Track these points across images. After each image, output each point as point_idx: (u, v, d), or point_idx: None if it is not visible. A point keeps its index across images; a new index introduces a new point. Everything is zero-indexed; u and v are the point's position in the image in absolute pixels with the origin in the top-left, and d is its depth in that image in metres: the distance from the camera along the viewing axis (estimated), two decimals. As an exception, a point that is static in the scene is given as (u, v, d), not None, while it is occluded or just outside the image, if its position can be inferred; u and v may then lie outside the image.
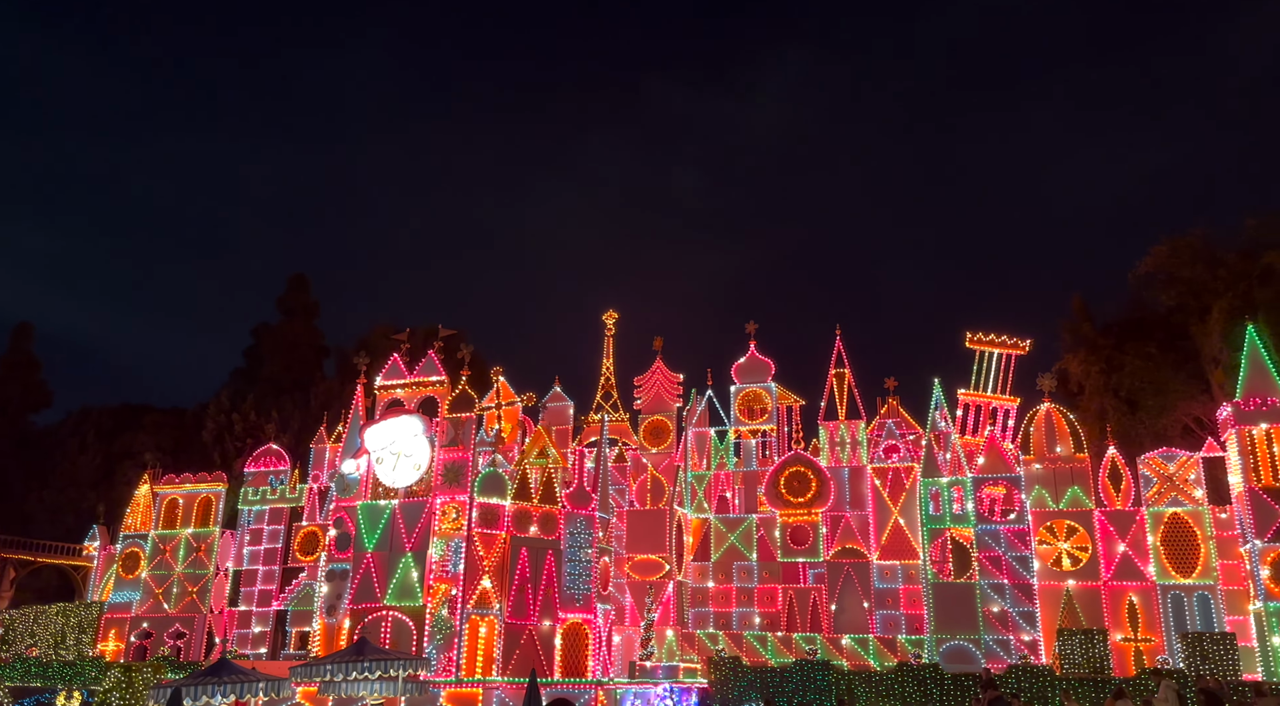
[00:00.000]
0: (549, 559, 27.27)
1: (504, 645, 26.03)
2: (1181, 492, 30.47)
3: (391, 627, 26.57)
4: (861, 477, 34.36)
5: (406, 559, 27.18)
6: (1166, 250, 46.37)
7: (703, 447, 37.25)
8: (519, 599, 26.67)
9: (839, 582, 33.17)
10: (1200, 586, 29.60)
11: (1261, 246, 43.87)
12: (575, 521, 27.99)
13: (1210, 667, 25.52)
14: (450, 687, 24.80)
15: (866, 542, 33.51)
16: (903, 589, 32.60)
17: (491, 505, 27.09)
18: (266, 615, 38.52)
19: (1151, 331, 46.46)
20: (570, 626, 27.14)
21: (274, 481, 40.08)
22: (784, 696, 27.70)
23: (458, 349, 30.00)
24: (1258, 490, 28.28)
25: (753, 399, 36.73)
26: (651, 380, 37.72)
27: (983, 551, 30.98)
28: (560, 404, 37.60)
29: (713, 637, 32.95)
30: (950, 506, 31.79)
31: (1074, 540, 30.92)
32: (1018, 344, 35.69)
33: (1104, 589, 30.30)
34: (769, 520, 34.74)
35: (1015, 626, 30.06)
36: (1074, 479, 31.52)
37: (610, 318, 40.33)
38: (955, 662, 29.42)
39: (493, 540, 26.87)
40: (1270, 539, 27.80)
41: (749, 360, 37.17)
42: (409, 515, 27.64)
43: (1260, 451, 28.66)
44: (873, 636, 31.79)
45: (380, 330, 55.71)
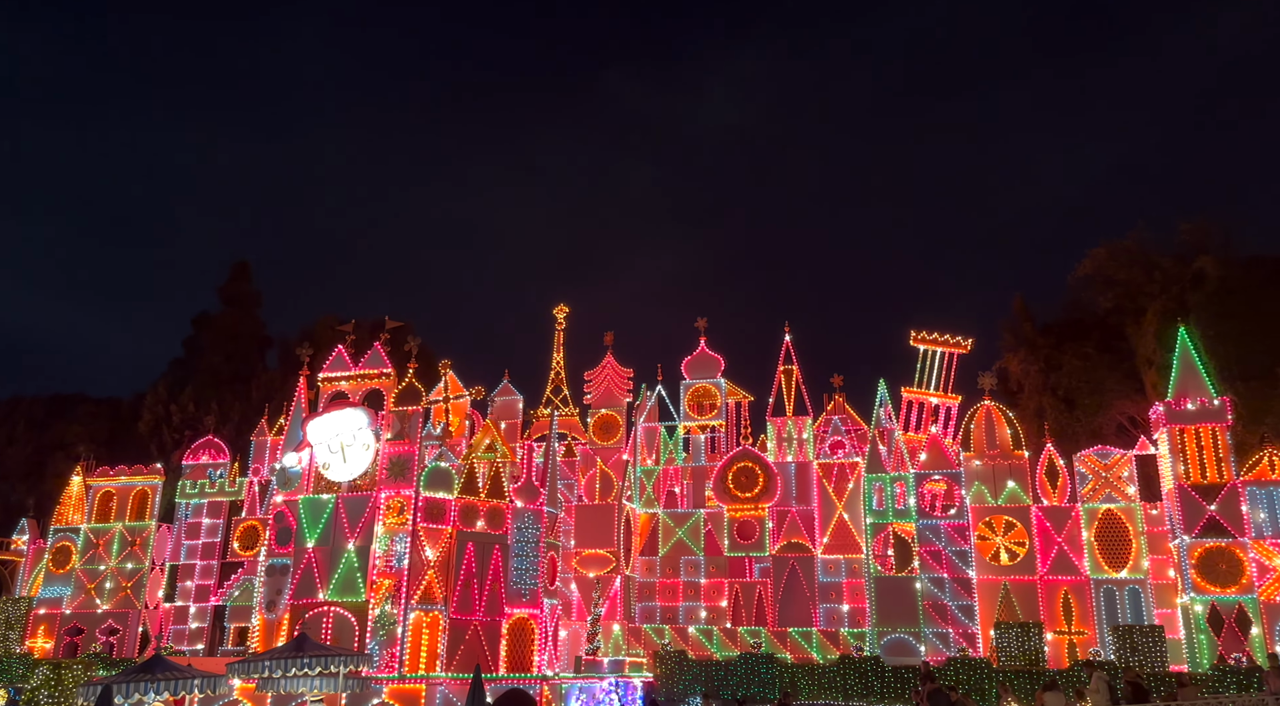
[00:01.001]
0: (496, 554, 27.08)
1: (448, 641, 25.80)
2: (1115, 489, 31.36)
3: (333, 623, 26.14)
4: (808, 473, 34.76)
5: (349, 554, 26.77)
6: (1104, 254, 47.74)
7: (652, 443, 37.33)
8: (465, 594, 26.44)
9: (784, 577, 33.53)
10: (1131, 581, 30.52)
11: (1194, 251, 45.41)
12: (523, 516, 27.83)
13: (1139, 659, 26.35)
14: (393, 684, 24.49)
15: (812, 537, 33.91)
16: (846, 583, 33.07)
17: (438, 499, 26.80)
18: (204, 611, 37.65)
19: (1089, 332, 47.78)
20: (516, 621, 27.00)
21: (213, 474, 39.14)
22: (728, 689, 27.92)
23: (405, 341, 29.60)
24: (1186, 487, 29.24)
25: (702, 394, 36.93)
26: (602, 375, 37.68)
27: (924, 546, 31.55)
28: (509, 398, 37.37)
29: (659, 632, 33.08)
30: (893, 502, 32.32)
31: (1011, 535, 31.65)
32: (960, 343, 36.38)
33: (1040, 583, 31.07)
34: (716, 515, 34.96)
35: (954, 619, 30.69)
36: (1012, 475, 32.27)
37: (561, 312, 40.17)
38: (896, 655, 29.94)
39: (439, 535, 26.59)
40: (1198, 534, 28.76)
41: (699, 356, 37.34)
42: (352, 509, 27.21)
43: (1190, 450, 29.62)
44: (816, 629, 32.20)
45: (325, 321, 54.72)
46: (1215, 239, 45.95)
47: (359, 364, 28.72)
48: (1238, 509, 28.71)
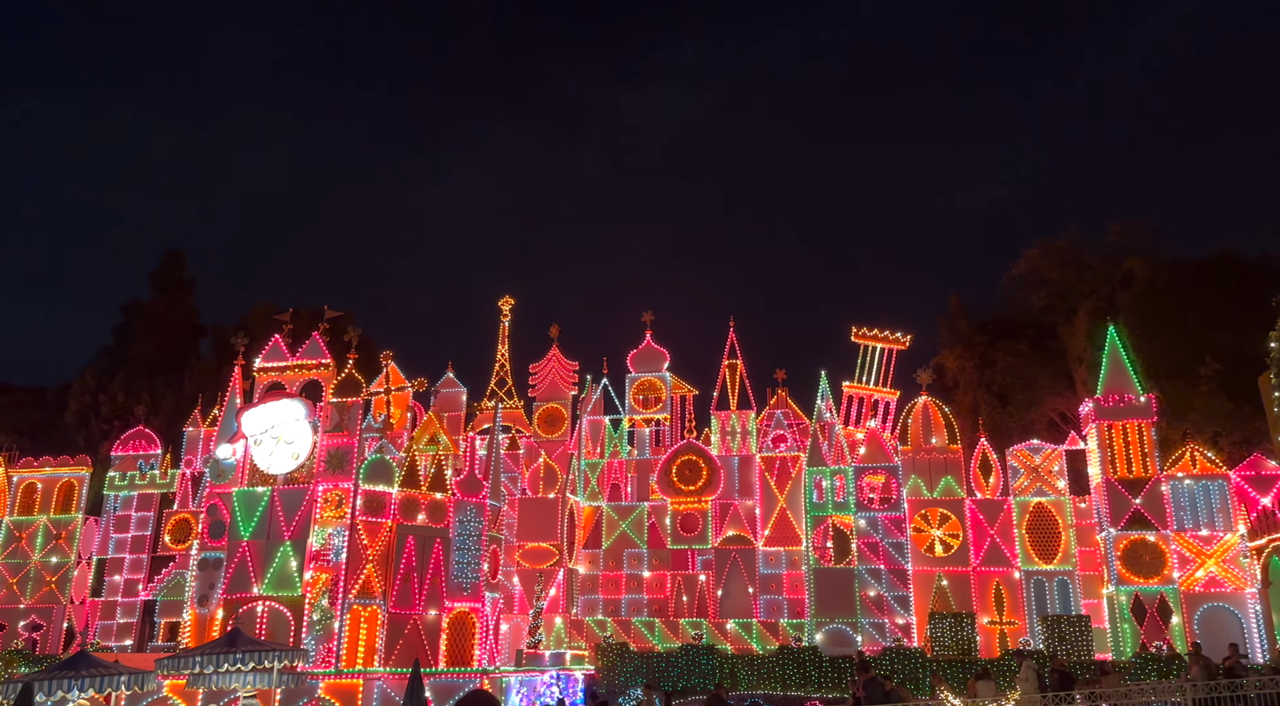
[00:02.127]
0: (437, 547, 26.81)
1: (387, 635, 25.49)
2: (1046, 483, 32.29)
3: (268, 618, 25.63)
4: (750, 466, 35.09)
5: (285, 547, 26.25)
6: (1038, 254, 48.99)
7: (597, 436, 37.32)
8: (404, 588, 26.13)
9: (726, 569, 33.83)
10: (1060, 572, 31.47)
11: (1124, 252, 46.87)
12: (465, 509, 27.59)
13: (1067, 648, 27.20)
14: (329, 679, 24.10)
15: (753, 530, 34.27)
16: (786, 574, 33.51)
17: (377, 492, 26.42)
18: (133, 605, 36.63)
19: (1022, 330, 49.00)
20: (457, 615, 26.78)
21: (143, 466, 38.07)
22: (669, 681, 28.12)
23: (345, 331, 29.06)
24: (1114, 481, 30.23)
25: (648, 388, 37.02)
26: (547, 367, 37.54)
27: (862, 538, 32.11)
28: (453, 390, 37.00)
29: (601, 624, 33.13)
30: (833, 495, 32.81)
31: (946, 527, 32.38)
32: (899, 339, 37.05)
33: (973, 574, 31.86)
34: (660, 508, 35.11)
35: (890, 610, 31.31)
36: (948, 469, 33.00)
37: (506, 303, 39.90)
38: (834, 645, 30.46)
39: (378, 528, 26.23)
40: (1123, 527, 29.77)
41: (645, 349, 37.42)
42: (288, 502, 26.69)
43: (1117, 445, 30.62)
44: (756, 620, 32.57)
45: (261, 310, 53.46)
46: (1144, 241, 47.53)
47: (296, 354, 28.14)
48: (1161, 502, 29.78)
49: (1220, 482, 29.86)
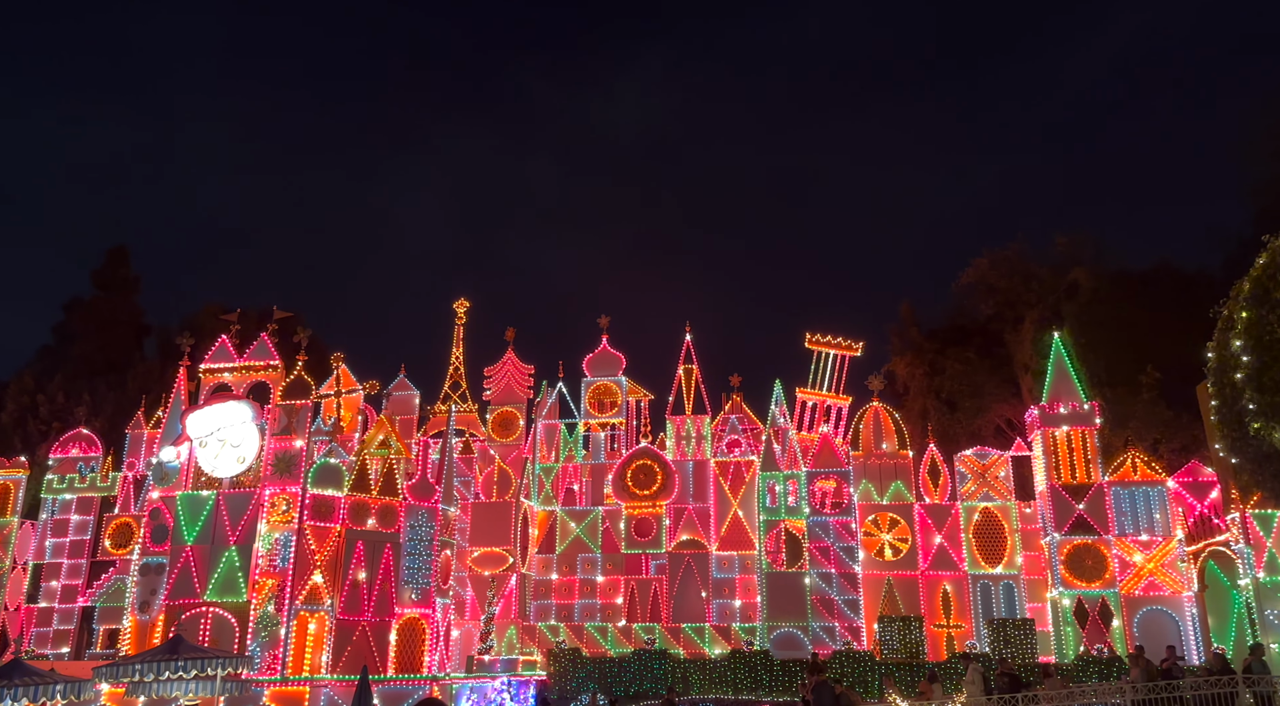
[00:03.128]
0: (387, 552, 26.47)
1: (335, 642, 25.10)
2: (992, 488, 32.89)
3: (212, 624, 25.11)
4: (705, 471, 35.22)
5: (230, 552, 25.74)
6: (986, 263, 49.91)
7: (552, 440, 37.17)
8: (353, 594, 25.77)
9: (680, 573, 33.89)
10: (1006, 576, 32.06)
11: (1070, 262, 47.97)
12: (416, 514, 27.29)
13: (1012, 651, 27.69)
14: (275, 686, 23.68)
15: (707, 534, 34.39)
16: (739, 578, 33.68)
17: (326, 497, 26.02)
18: (71, 612, 35.57)
19: (970, 338, 49.86)
20: (407, 621, 26.47)
21: (84, 468, 37.02)
22: (621, 685, 28.09)
23: (294, 332, 28.61)
24: (1058, 487, 30.90)
25: (603, 392, 36.97)
26: (502, 371, 37.31)
27: (813, 542, 32.40)
28: (405, 393, 36.56)
29: (554, 630, 32.97)
30: (786, 499, 33.07)
31: (896, 532, 32.82)
32: (852, 346, 37.49)
33: (921, 578, 32.32)
34: (615, 512, 35.07)
35: (841, 613, 31.62)
36: (897, 474, 33.47)
37: (461, 306, 39.59)
38: (785, 649, 30.67)
39: (326, 533, 25.82)
40: (1067, 532, 30.43)
41: (601, 354, 37.38)
42: (234, 506, 26.17)
43: (1061, 451, 31.30)
44: (709, 625, 32.67)
45: (209, 310, 52.27)
46: (1088, 252, 48.66)
47: (244, 355, 27.64)
48: (1104, 508, 30.49)
49: (1160, 489, 30.68)
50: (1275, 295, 9.65)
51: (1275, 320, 9.61)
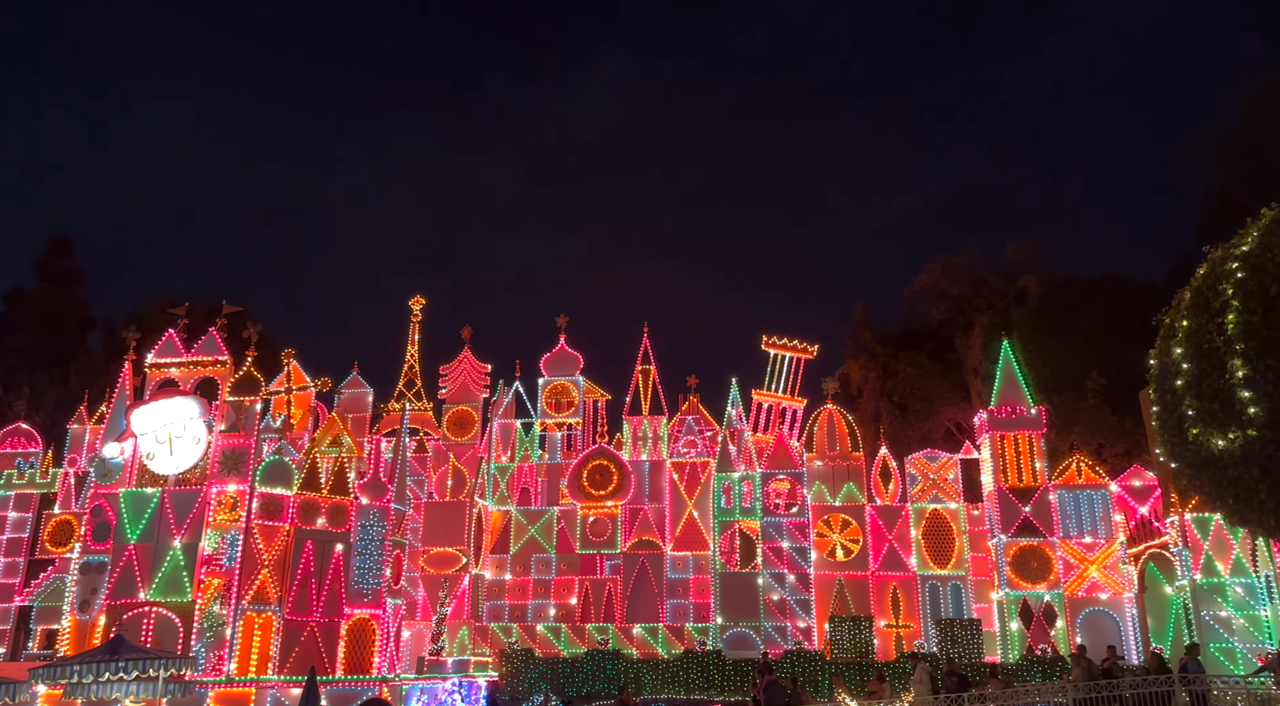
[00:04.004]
0: (337, 552, 26.10)
1: (282, 642, 24.68)
2: (942, 491, 33.43)
3: (154, 625, 24.53)
4: (661, 471, 35.30)
5: (175, 551, 25.19)
6: (939, 269, 50.74)
7: (508, 439, 36.97)
8: (301, 594, 25.36)
9: (634, 573, 33.92)
10: (954, 577, 32.60)
11: (1019, 270, 48.99)
12: (368, 513, 26.95)
13: (959, 650, 28.15)
14: (219, 688, 23.22)
15: (662, 534, 34.46)
16: (693, 579, 33.80)
17: (275, 495, 25.57)
18: (7, 612, 34.56)
19: (923, 342, 50.67)
20: (357, 622, 26.12)
21: (22, 464, 35.98)
22: (573, 686, 28.03)
23: (244, 327, 28.07)
24: (1005, 490, 31.50)
25: (560, 392, 36.87)
26: (458, 369, 37.00)
27: (767, 543, 32.64)
28: (358, 390, 36.10)
29: (506, 630, 32.78)
30: (740, 500, 33.28)
31: (847, 533, 33.20)
32: (807, 349, 37.86)
33: (872, 578, 32.74)
34: (570, 512, 34.98)
35: (792, 613, 31.90)
36: (850, 476, 33.87)
37: (417, 303, 39.19)
38: (737, 648, 30.85)
39: (274, 532, 25.38)
40: (1013, 534, 31.04)
41: (558, 353, 37.26)
42: (180, 504, 25.61)
43: (1009, 455, 31.93)
44: (662, 625, 32.74)
45: (156, 303, 51.14)
46: (1037, 260, 49.76)
47: (192, 350, 27.05)
48: (1049, 510, 31.16)
49: (1103, 492, 31.43)
50: (1214, 305, 9.94)
51: (1214, 329, 9.90)
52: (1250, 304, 9.50)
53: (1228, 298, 9.70)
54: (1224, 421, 9.67)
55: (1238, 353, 9.46)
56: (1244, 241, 10.17)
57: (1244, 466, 9.58)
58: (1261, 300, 9.43)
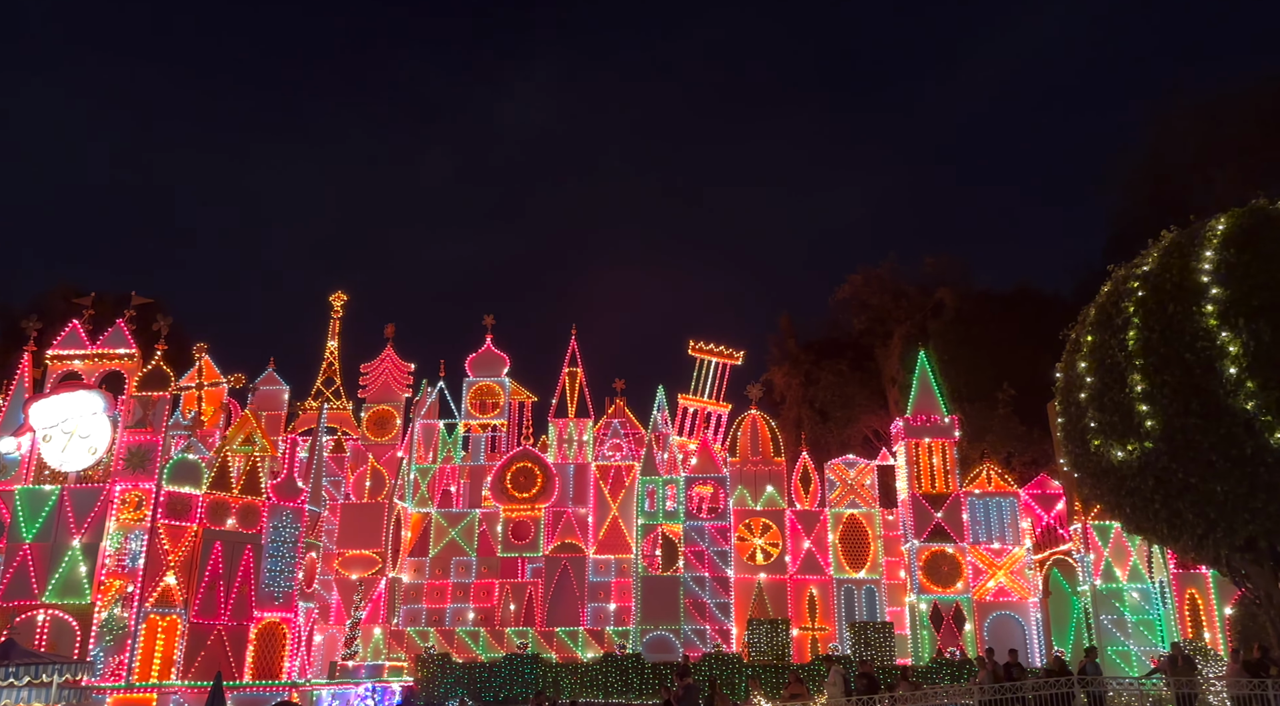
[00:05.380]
0: (247, 554, 25.31)
1: (187, 646, 23.83)
2: (859, 496, 34.18)
3: (50, 628, 23.41)
4: (585, 474, 35.22)
5: (74, 551, 24.08)
6: (861, 279, 51.93)
7: (430, 440, 36.41)
8: (209, 596, 24.53)
9: (556, 577, 33.75)
10: (869, 580, 33.35)
11: (936, 282, 50.48)
12: (281, 514, 26.21)
13: (872, 653, 28.77)
14: (119, 693, 22.31)
15: (585, 538, 34.38)
16: (615, 582, 33.81)
17: (183, 494, 24.68)
18: (-117, 617, 32.43)
19: (844, 351, 51.76)
20: (266, 625, 25.37)
21: (-94, 459, 33.84)
22: (491, 691, 27.74)
23: (154, 320, 27.01)
24: (919, 496, 32.37)
25: (485, 392, 36.48)
26: (380, 368, 36.29)
27: (689, 546, 32.88)
28: (274, 388, 35.09)
29: (423, 634, 32.26)
30: (664, 503, 33.45)
31: (767, 537, 33.68)
32: (733, 355, 38.30)
33: (790, 582, 33.26)
34: (492, 515, 34.63)
35: (712, 616, 32.18)
36: (771, 480, 34.37)
37: (338, 299, 38.31)
38: (657, 652, 30.97)
39: (182, 532, 24.49)
40: (926, 539, 31.91)
41: (484, 354, 36.87)
42: (80, 502, 24.50)
43: (923, 462, 32.82)
44: (583, 628, 32.66)
45: (59, 292, 48.77)
46: (954, 273, 51.36)
47: (97, 342, 25.94)
48: (960, 516, 32.14)
49: (1011, 499, 32.55)
50: (1117, 321, 10.40)
51: (1116, 345, 10.36)
52: (1150, 322, 9.97)
53: (1129, 315, 10.16)
54: (1123, 433, 10.12)
55: (1137, 368, 9.92)
56: (1145, 262, 10.68)
57: (1140, 477, 10.04)
58: (1160, 318, 9.91)
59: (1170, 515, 10.09)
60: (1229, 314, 9.45)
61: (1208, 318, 9.53)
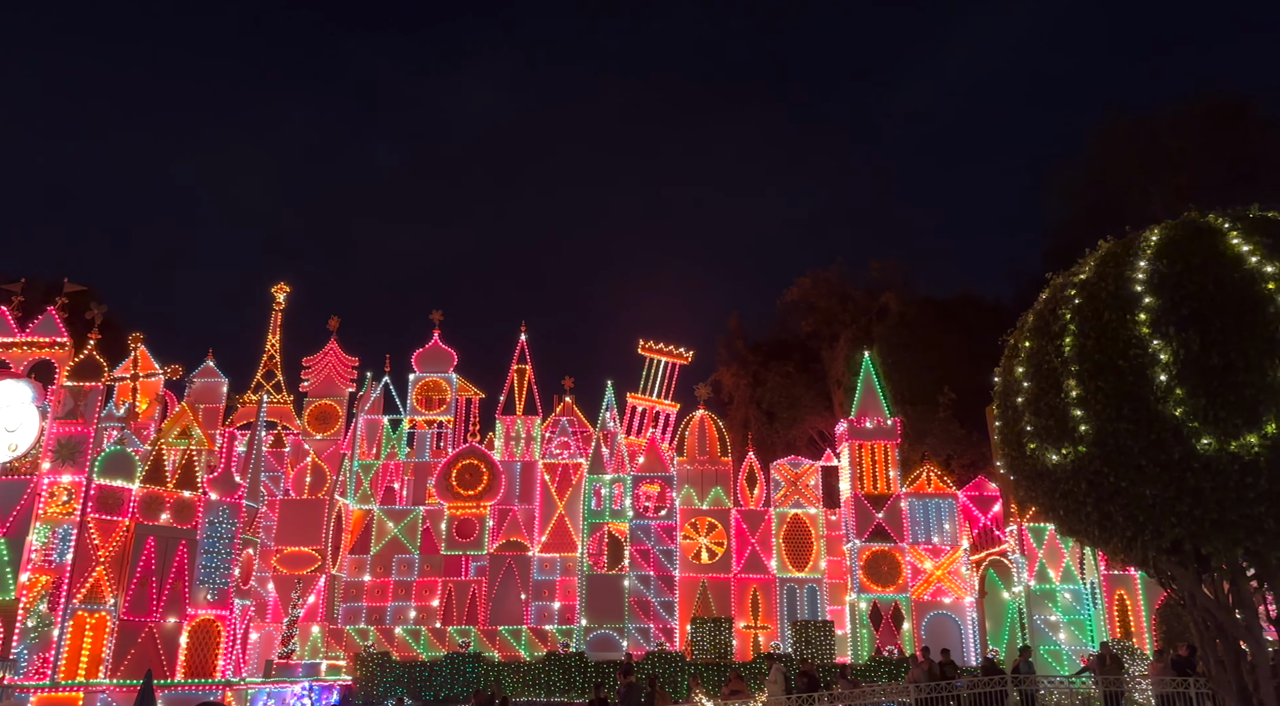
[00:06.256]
0: (181, 549, 24.67)
1: (116, 644, 23.15)
2: (803, 496, 34.57)
3: (-31, 627, 22.51)
4: (532, 472, 35.04)
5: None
6: (809, 282, 52.57)
7: (374, 436, 35.88)
8: (141, 593, 23.85)
9: (500, 575, 33.52)
10: (811, 579, 33.75)
11: (882, 287, 51.32)
12: (217, 509, 25.59)
13: (812, 651, 29.14)
14: (43, 692, 21.55)
15: (531, 536, 34.21)
16: (560, 581, 33.71)
17: (114, 488, 23.96)
18: None
19: (791, 352, 52.34)
20: (200, 623, 24.76)
21: None
22: (431, 690, 27.46)
23: (87, 308, 26.19)
24: (861, 496, 32.86)
25: (432, 388, 36.06)
26: (323, 361, 35.68)
27: (635, 545, 32.92)
28: (212, 380, 34.29)
29: (363, 633, 31.80)
30: (610, 502, 33.45)
31: (713, 536, 33.88)
32: (682, 355, 38.46)
33: (734, 581, 33.51)
34: (436, 512, 34.26)
35: (656, 615, 32.27)
36: (718, 480, 34.59)
37: (281, 291, 37.55)
38: (601, 650, 30.97)
39: (113, 527, 23.77)
40: (867, 539, 32.40)
41: (432, 349, 36.45)
42: (6, 495, 23.60)
43: (865, 463, 33.32)
44: (526, 627, 32.50)
45: (-11, 277, 47.08)
46: (899, 278, 52.25)
47: (26, 329, 25.03)
48: (900, 517, 32.70)
49: (950, 501, 33.21)
50: (1054, 328, 10.65)
51: (1052, 351, 10.61)
52: (1085, 329, 10.23)
53: (1066, 322, 10.42)
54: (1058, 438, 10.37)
55: (1072, 373, 10.17)
56: (1082, 270, 10.96)
57: (1074, 480, 10.29)
58: (1095, 326, 10.17)
59: (1101, 518, 10.36)
60: (1160, 323, 9.75)
61: (1140, 326, 9.82)
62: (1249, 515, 9.38)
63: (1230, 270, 9.69)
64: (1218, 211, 10.78)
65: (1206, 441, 9.33)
